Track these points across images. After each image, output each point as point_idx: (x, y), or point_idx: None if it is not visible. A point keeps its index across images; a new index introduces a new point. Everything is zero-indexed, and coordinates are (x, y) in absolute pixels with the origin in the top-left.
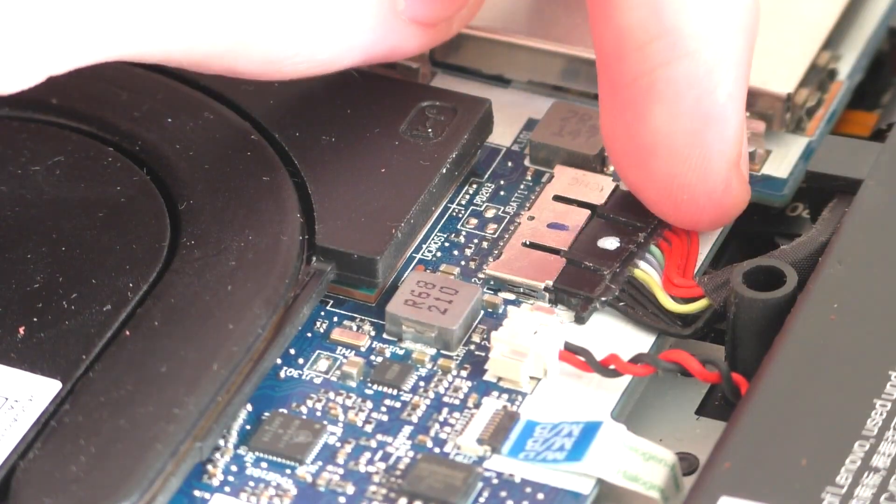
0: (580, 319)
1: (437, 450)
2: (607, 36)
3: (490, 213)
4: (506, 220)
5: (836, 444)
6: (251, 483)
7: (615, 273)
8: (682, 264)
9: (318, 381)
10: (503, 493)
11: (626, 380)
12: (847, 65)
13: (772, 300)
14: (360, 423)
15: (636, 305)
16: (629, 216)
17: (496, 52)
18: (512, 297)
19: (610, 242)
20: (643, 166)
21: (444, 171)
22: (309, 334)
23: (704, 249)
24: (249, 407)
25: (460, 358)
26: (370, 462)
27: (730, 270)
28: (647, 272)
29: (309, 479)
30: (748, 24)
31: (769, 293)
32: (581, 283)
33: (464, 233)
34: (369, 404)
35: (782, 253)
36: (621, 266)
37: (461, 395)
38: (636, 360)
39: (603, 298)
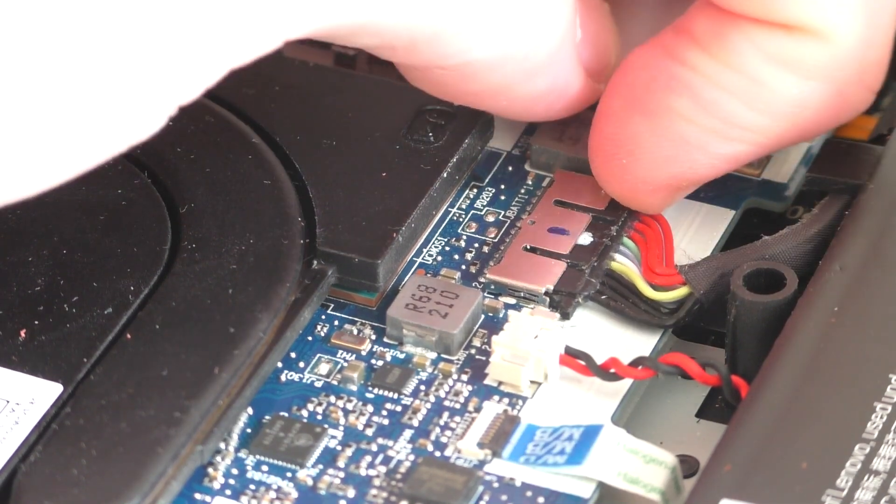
0: (565, 315)
1: (437, 453)
2: (715, 30)
3: (491, 218)
4: (506, 225)
5: (837, 447)
6: (252, 486)
7: (593, 267)
8: (661, 254)
9: (318, 384)
10: (504, 497)
11: (626, 383)
12: None
13: (772, 303)
14: (360, 427)
15: (618, 298)
16: (599, 211)
17: None
18: (512, 301)
19: (583, 238)
20: (637, 119)
21: (445, 175)
22: (310, 338)
23: (706, 252)
24: (250, 410)
25: (461, 362)
26: (371, 466)
27: (712, 259)
28: (625, 264)
29: (309, 482)
30: (807, 135)
31: (769, 296)
32: (562, 279)
33: (464, 237)
34: (370, 408)
35: (764, 244)
36: (598, 260)
37: (462, 399)
38: (636, 363)
39: (585, 293)
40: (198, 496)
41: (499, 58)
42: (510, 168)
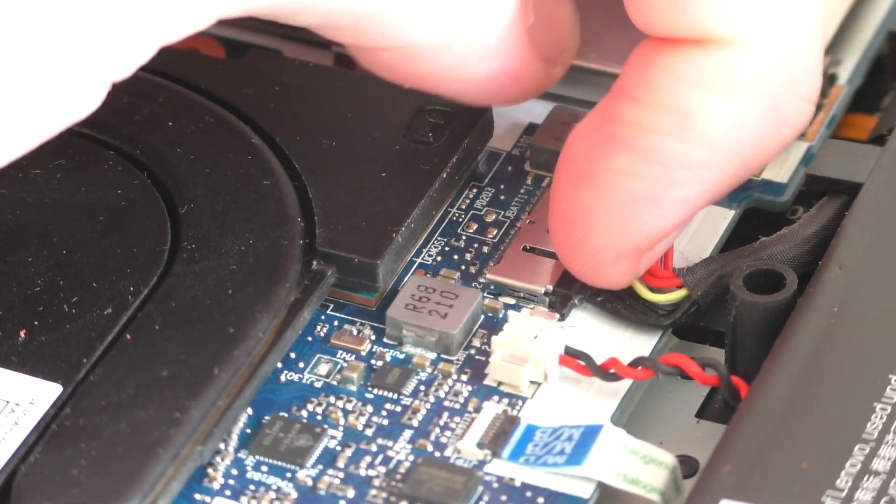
0: (561, 316)
1: (437, 454)
2: (639, 76)
3: (490, 218)
4: (506, 225)
5: (837, 448)
6: (252, 487)
7: None
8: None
9: (318, 384)
10: (503, 498)
11: (626, 383)
12: (847, 69)
13: (772, 303)
14: (360, 427)
15: (615, 299)
16: None
17: None
18: (512, 301)
19: None
20: (583, 190)
21: (445, 175)
22: (309, 338)
23: (705, 254)
24: (250, 411)
25: (461, 362)
26: (370, 466)
27: (709, 262)
28: None
29: (309, 482)
30: (753, 161)
31: (769, 296)
32: (561, 280)
33: (464, 237)
34: (370, 408)
35: (762, 245)
36: None
37: (461, 400)
38: (636, 363)
39: (581, 294)
40: (197, 496)
41: (443, 40)
42: (510, 168)
